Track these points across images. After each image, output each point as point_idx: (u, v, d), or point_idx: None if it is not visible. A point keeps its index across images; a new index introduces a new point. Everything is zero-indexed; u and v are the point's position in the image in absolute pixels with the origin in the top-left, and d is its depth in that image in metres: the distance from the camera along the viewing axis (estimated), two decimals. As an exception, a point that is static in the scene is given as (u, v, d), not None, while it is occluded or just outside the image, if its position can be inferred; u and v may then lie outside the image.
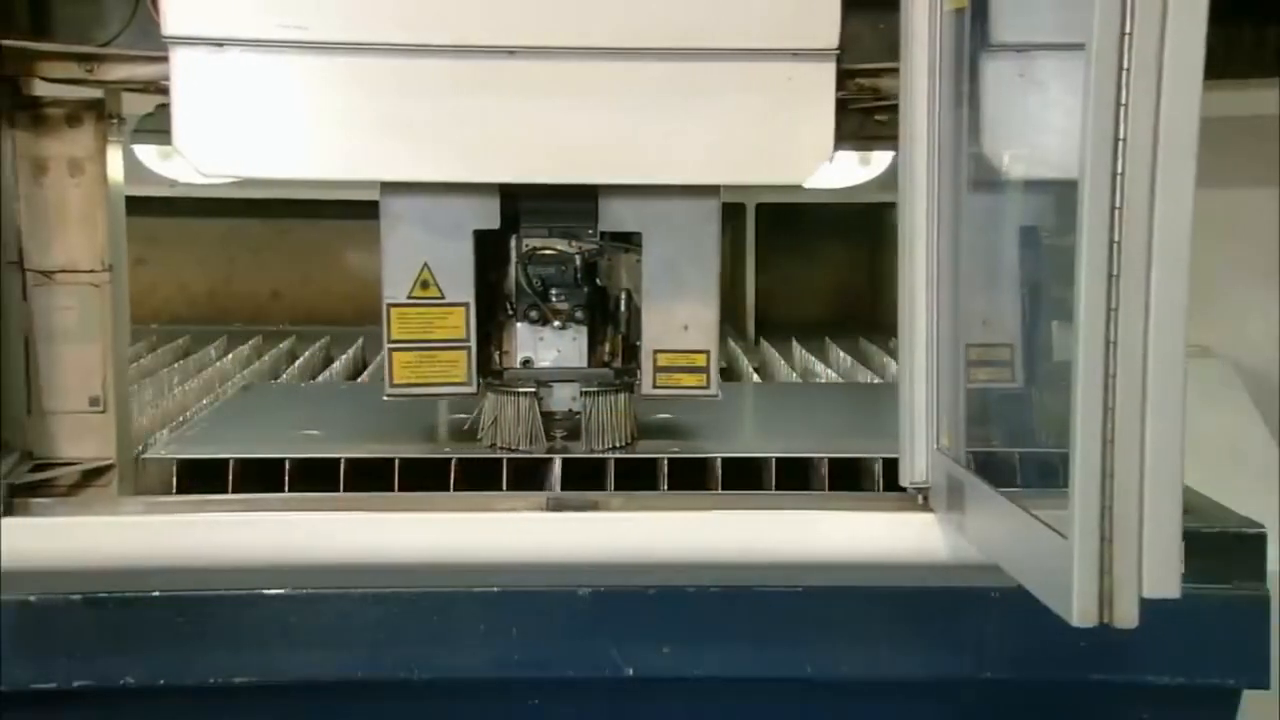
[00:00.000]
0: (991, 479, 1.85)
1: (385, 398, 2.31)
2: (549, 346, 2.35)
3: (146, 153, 2.79)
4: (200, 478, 2.25)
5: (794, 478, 2.35)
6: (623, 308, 2.36)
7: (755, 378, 3.62)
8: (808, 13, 1.95)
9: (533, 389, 2.34)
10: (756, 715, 2.24)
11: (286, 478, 2.23)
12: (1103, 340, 1.44)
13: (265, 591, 2.06)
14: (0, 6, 1.89)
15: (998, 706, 2.21)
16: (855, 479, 2.35)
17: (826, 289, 4.87)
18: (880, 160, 2.89)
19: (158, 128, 2.30)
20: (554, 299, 2.31)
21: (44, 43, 2.01)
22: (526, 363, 2.36)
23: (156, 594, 2.05)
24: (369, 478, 2.25)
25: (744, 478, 2.34)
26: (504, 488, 2.28)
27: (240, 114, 1.95)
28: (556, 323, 2.33)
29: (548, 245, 2.31)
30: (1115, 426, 1.45)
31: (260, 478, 2.23)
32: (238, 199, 4.08)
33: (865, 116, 2.28)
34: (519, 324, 2.35)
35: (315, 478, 2.25)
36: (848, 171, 2.89)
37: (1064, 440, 1.70)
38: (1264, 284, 3.69)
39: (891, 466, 2.30)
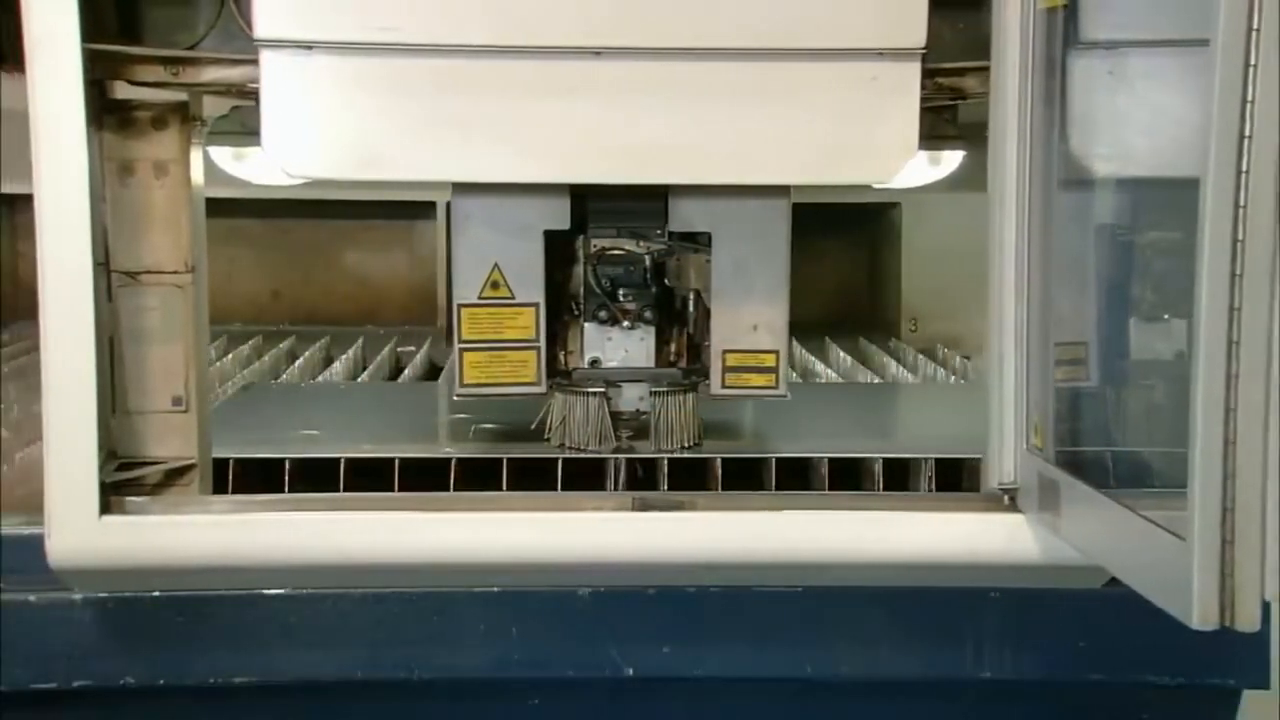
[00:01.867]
0: (1081, 479, 1.85)
1: (455, 398, 2.32)
2: (617, 346, 2.36)
3: (221, 154, 2.79)
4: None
5: (795, 477, 2.38)
6: (691, 308, 2.37)
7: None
8: (894, 12, 1.94)
9: (602, 389, 2.34)
10: (757, 715, 2.26)
11: (286, 478, 2.22)
12: (1225, 340, 1.42)
13: (265, 591, 2.06)
14: (92, 12, 1.88)
15: (997, 706, 2.24)
16: (856, 479, 2.36)
17: (826, 289, 4.88)
18: (950, 160, 2.89)
19: (232, 129, 2.31)
20: (622, 299, 2.32)
21: (133, 46, 2.00)
22: (594, 363, 2.36)
23: (156, 594, 2.05)
24: (369, 478, 2.25)
25: (745, 478, 2.37)
26: (504, 488, 2.29)
27: (327, 116, 1.94)
28: (625, 323, 2.33)
29: (616, 245, 2.31)
30: (1237, 427, 1.43)
31: (260, 478, 2.23)
32: (238, 198, 4.07)
33: (936, 116, 2.29)
34: (587, 324, 2.36)
35: (315, 478, 2.24)
36: (919, 171, 2.89)
37: (1149, 439, 1.70)
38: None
39: (892, 466, 2.32)
